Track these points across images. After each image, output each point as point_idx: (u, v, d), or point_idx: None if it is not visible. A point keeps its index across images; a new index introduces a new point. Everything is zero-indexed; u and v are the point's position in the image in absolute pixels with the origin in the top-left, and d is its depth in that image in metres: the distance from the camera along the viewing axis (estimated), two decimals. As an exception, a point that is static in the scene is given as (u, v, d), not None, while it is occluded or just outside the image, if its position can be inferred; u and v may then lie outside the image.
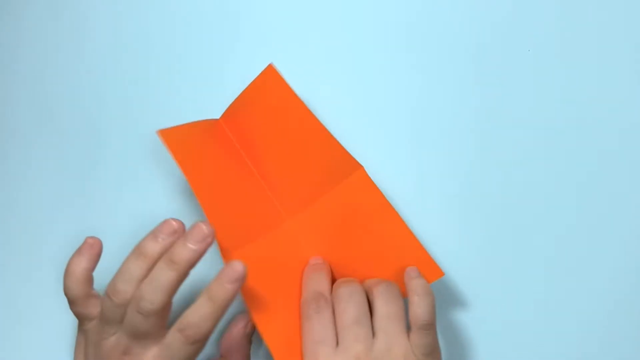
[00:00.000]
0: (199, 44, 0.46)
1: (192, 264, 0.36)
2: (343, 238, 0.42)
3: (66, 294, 0.39)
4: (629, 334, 0.43)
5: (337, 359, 0.36)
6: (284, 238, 0.42)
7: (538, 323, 0.43)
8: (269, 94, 0.42)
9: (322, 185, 0.42)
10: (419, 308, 0.38)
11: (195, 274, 0.36)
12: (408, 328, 0.38)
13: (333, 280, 0.42)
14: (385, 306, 0.38)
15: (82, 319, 0.39)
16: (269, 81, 0.42)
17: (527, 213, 0.44)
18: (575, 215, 0.44)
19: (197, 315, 0.35)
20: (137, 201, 0.45)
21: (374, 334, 0.37)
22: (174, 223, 0.37)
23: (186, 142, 0.42)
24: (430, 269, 0.39)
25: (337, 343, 0.37)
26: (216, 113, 0.45)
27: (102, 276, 0.39)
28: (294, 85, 0.41)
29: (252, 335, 0.42)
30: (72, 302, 0.39)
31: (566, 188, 0.44)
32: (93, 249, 0.39)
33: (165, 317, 0.37)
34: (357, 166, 0.41)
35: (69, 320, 0.44)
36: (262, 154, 0.43)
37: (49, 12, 0.46)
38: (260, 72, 0.42)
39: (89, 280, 0.39)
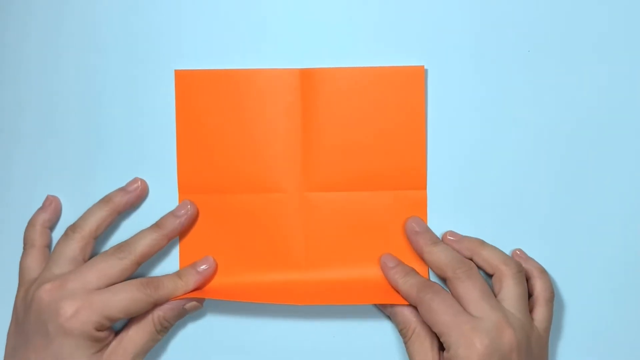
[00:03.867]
0: (209, 46, 0.45)
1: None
2: (357, 234, 0.44)
3: (24, 241, 0.44)
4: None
5: (480, 325, 0.38)
6: (269, 203, 0.44)
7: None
8: (399, 85, 0.44)
9: (373, 181, 0.44)
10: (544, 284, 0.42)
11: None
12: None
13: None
14: (514, 287, 0.41)
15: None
16: (409, 77, 0.44)
17: (525, 212, 0.45)
18: (574, 214, 0.45)
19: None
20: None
21: None
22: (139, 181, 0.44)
23: (199, 87, 0.44)
24: None
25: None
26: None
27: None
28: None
29: (180, 317, 0.43)
30: (26, 249, 0.43)
31: (565, 188, 0.45)
32: (52, 205, 0.45)
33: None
34: (423, 186, 0.44)
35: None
36: (335, 122, 0.44)
37: (53, 11, 0.45)
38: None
39: (47, 231, 0.44)
